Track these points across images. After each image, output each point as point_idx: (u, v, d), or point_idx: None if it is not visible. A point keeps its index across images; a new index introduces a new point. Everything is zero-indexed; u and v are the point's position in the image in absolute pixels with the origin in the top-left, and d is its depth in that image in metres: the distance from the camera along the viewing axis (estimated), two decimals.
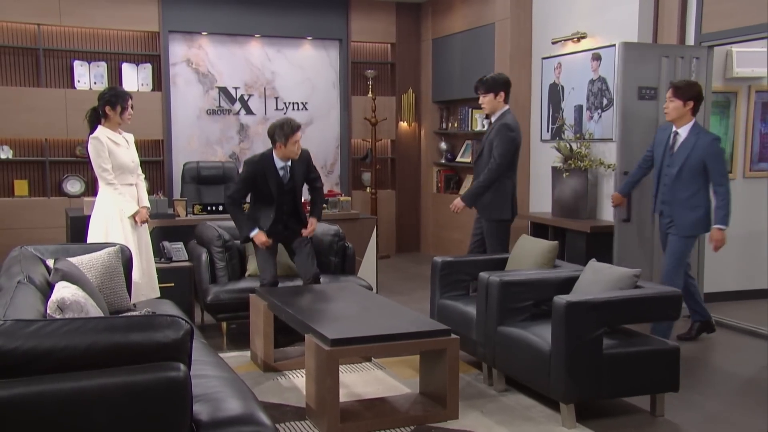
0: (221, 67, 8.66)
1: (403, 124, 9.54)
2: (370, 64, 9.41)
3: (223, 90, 8.69)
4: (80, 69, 8.06)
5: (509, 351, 4.16)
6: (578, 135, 6.79)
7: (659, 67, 5.79)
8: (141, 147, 8.22)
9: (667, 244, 5.11)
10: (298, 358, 4.69)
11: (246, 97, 8.79)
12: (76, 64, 8.06)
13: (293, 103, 8.96)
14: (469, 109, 8.34)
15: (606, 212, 6.50)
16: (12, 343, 2.15)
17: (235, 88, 8.74)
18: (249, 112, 8.82)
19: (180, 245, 5.80)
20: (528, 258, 4.77)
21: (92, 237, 4.92)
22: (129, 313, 3.76)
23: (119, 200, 4.91)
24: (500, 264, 4.95)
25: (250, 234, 5.04)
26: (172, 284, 5.44)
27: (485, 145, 5.35)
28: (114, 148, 4.91)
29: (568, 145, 6.64)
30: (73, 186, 8.07)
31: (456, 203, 5.37)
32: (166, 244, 5.73)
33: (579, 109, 6.88)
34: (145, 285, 4.96)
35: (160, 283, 5.22)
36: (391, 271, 8.20)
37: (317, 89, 9.02)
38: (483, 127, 8.23)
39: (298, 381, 4.47)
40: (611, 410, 4.05)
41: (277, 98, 8.87)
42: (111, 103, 4.92)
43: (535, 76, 7.57)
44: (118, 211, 4.90)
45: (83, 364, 2.21)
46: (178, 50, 8.47)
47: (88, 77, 8.08)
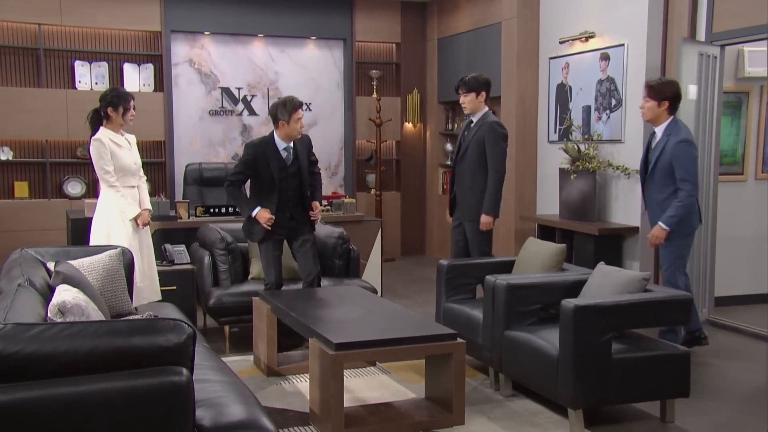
0: (224, 67, 8.68)
1: (408, 125, 9.54)
2: (374, 64, 9.42)
3: (225, 90, 8.70)
4: (81, 69, 8.08)
5: (516, 355, 4.15)
6: (586, 136, 6.78)
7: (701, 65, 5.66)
8: (142, 148, 8.22)
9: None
10: (302, 363, 4.69)
11: (249, 98, 8.80)
12: (77, 64, 8.08)
13: None
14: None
15: (614, 214, 6.49)
16: (12, 347, 2.16)
17: (238, 89, 8.76)
18: (252, 112, 8.83)
19: (182, 248, 5.81)
20: (535, 261, 4.77)
21: (94, 239, 4.93)
22: (131, 317, 3.77)
23: (121, 202, 4.92)
24: (507, 267, 4.95)
25: (252, 213, 4.90)
26: (174, 287, 5.45)
27: (470, 144, 5.34)
28: (116, 150, 4.92)
29: (575, 147, 6.63)
30: (74, 188, 8.09)
31: (486, 221, 5.28)
32: (168, 246, 5.74)
33: (587, 110, 6.87)
34: (147, 288, 4.97)
35: (162, 286, 5.22)
36: (396, 274, 8.20)
37: (321, 89, 9.03)
38: None
39: (301, 385, 4.47)
40: (620, 416, 4.04)
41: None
42: (113, 104, 4.93)
43: (542, 77, 7.57)
44: (119, 214, 4.91)
45: (84, 369, 2.21)
46: (181, 50, 8.49)
47: (89, 77, 8.10)
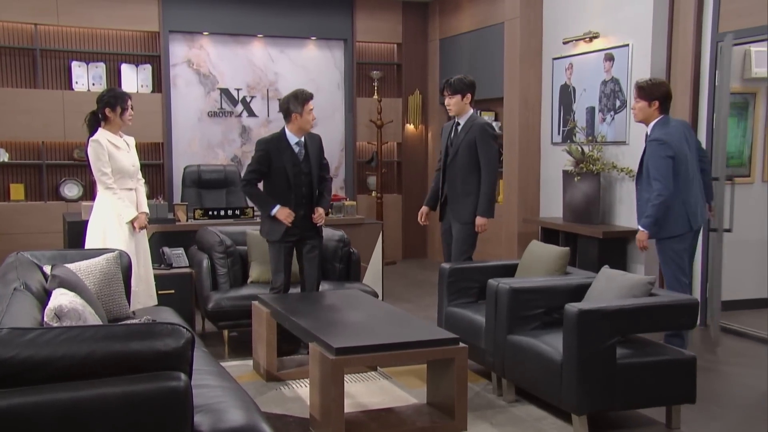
0: (223, 67, 8.68)
1: (410, 127, 9.54)
2: (375, 64, 9.42)
3: (224, 91, 8.71)
4: (78, 70, 8.09)
5: (519, 360, 4.15)
6: (590, 138, 6.78)
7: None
8: (140, 150, 8.20)
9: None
10: (302, 368, 4.69)
11: (248, 99, 8.81)
12: (74, 64, 8.09)
13: None
14: (478, 111, 8.32)
15: (619, 217, 6.48)
16: (8, 352, 2.16)
17: (237, 90, 8.76)
18: (251, 114, 8.83)
19: (180, 251, 5.81)
20: (538, 264, 4.76)
21: (90, 242, 4.92)
22: (128, 321, 3.77)
23: (118, 205, 4.92)
24: (510, 270, 4.95)
25: (272, 211, 4.90)
26: (173, 291, 5.44)
27: (461, 145, 5.35)
28: (114, 152, 4.91)
29: (579, 148, 6.63)
30: (71, 190, 8.09)
31: (481, 223, 5.29)
32: (166, 249, 5.74)
33: (591, 111, 6.88)
34: (143, 292, 4.96)
35: (159, 290, 5.22)
36: (397, 277, 8.19)
37: (321, 90, 9.03)
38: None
39: (301, 391, 4.47)
40: (625, 422, 4.04)
41: (280, 100, 8.86)
42: (111, 105, 4.92)
43: (545, 77, 7.57)
44: (116, 217, 4.90)
45: (81, 374, 2.21)
46: (179, 51, 8.50)
47: (87, 78, 8.11)
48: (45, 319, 2.82)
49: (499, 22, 7.98)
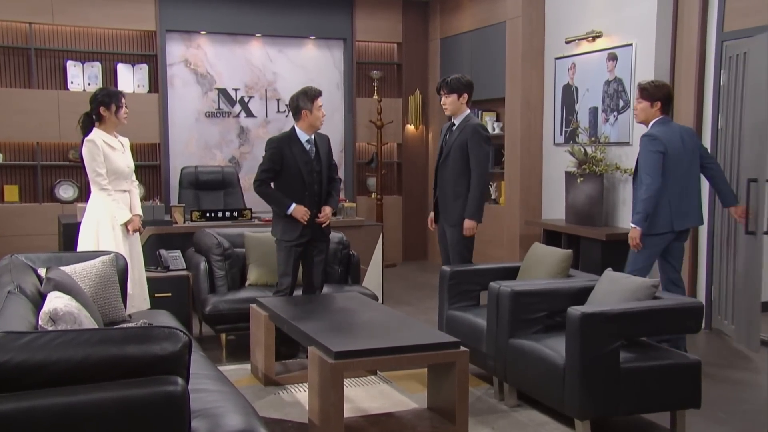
0: (220, 67, 8.68)
1: (410, 127, 9.55)
2: (375, 64, 9.43)
3: (222, 91, 8.71)
4: (73, 69, 8.09)
5: (521, 364, 4.14)
6: (593, 138, 6.78)
7: None
8: (137, 151, 8.27)
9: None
10: (301, 372, 4.69)
11: (246, 99, 8.81)
12: (70, 64, 8.09)
13: None
14: (479, 112, 8.34)
15: (622, 219, 6.48)
16: (2, 357, 2.15)
17: (235, 90, 8.77)
18: (249, 114, 8.84)
19: (177, 253, 5.81)
20: (541, 267, 4.76)
21: (82, 245, 4.89)
22: (124, 325, 3.76)
23: (112, 207, 4.89)
24: (512, 273, 4.95)
25: (289, 210, 4.89)
26: (169, 294, 5.44)
27: (453, 146, 5.34)
28: (109, 152, 4.89)
29: (582, 149, 6.64)
30: (66, 191, 8.09)
31: (469, 226, 5.26)
32: (163, 252, 5.74)
33: (594, 112, 6.88)
34: (137, 296, 4.94)
35: (157, 293, 5.22)
36: (397, 280, 8.19)
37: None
38: (493, 130, 8.23)
39: (300, 395, 4.47)
40: (629, 427, 4.04)
41: (278, 100, 8.89)
42: (105, 104, 4.91)
43: (547, 77, 7.57)
44: (110, 219, 4.87)
45: (77, 378, 2.21)
46: (176, 50, 8.50)
47: (82, 78, 8.11)
48: (40, 322, 2.81)
49: (500, 21, 7.98)
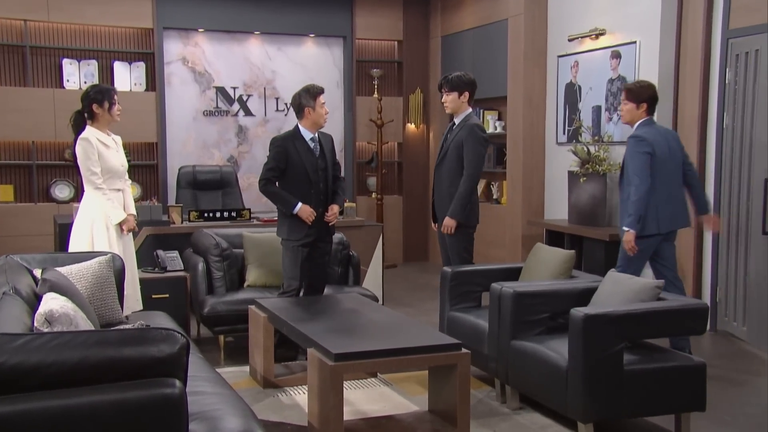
0: (219, 65, 8.68)
1: (411, 126, 9.55)
2: (375, 62, 9.43)
3: (220, 90, 8.71)
4: (69, 68, 8.09)
5: (523, 366, 4.14)
6: (596, 137, 6.78)
7: None
8: (134, 150, 8.29)
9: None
10: (300, 374, 4.69)
11: (245, 98, 8.81)
12: (65, 62, 8.09)
13: None
14: (481, 110, 8.34)
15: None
16: None
17: (234, 88, 8.77)
18: (248, 113, 8.84)
19: (175, 254, 5.81)
20: (543, 268, 4.76)
21: (75, 245, 4.87)
22: (121, 327, 3.76)
23: (107, 206, 4.87)
24: (514, 274, 4.95)
25: (295, 209, 4.87)
26: (167, 295, 5.45)
27: (450, 146, 5.33)
28: (103, 151, 4.88)
29: (585, 148, 6.63)
30: (62, 191, 8.09)
31: (448, 224, 5.23)
32: (160, 252, 5.74)
33: (597, 110, 6.88)
34: (130, 297, 4.91)
35: (154, 294, 5.22)
36: (397, 281, 8.19)
37: None
38: (495, 129, 8.24)
39: (299, 398, 4.47)
40: (633, 430, 4.04)
41: (277, 99, 8.89)
42: (97, 101, 4.89)
43: (550, 76, 7.57)
44: (104, 218, 4.86)
45: (73, 381, 2.21)
46: (173, 48, 8.50)
47: (78, 76, 8.11)
48: (35, 324, 2.81)
49: (502, 18, 7.98)
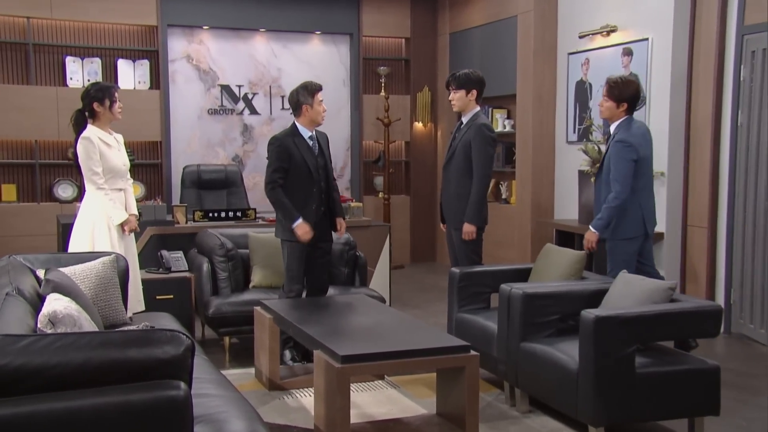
0: (224, 63, 8.70)
1: (418, 125, 9.54)
2: (382, 60, 9.43)
3: (225, 88, 8.72)
4: (73, 65, 8.11)
5: (533, 369, 4.14)
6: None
7: None
8: (138, 149, 8.31)
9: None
10: (306, 376, 4.69)
11: (250, 96, 8.82)
12: (69, 60, 8.11)
13: None
14: (490, 109, 8.33)
15: None
16: (0, 360, 2.15)
17: (239, 86, 8.78)
18: (253, 111, 8.85)
19: (179, 254, 5.82)
20: (553, 269, 4.75)
21: (75, 246, 4.87)
22: (125, 328, 3.77)
23: (108, 206, 4.87)
24: (523, 275, 4.94)
25: (295, 223, 4.85)
26: (171, 296, 5.45)
27: (458, 146, 5.31)
28: (105, 150, 4.88)
29: (596, 147, 6.61)
30: (65, 191, 8.11)
31: (468, 230, 5.22)
32: (164, 253, 5.75)
33: None
34: (132, 297, 4.91)
35: (158, 295, 5.23)
36: (405, 282, 8.19)
37: (326, 87, 8.82)
38: (504, 128, 8.23)
39: (305, 400, 4.47)
40: None
41: (283, 97, 8.88)
42: (98, 99, 4.88)
43: (560, 73, 7.56)
44: (105, 219, 4.86)
45: (77, 383, 2.21)
46: (178, 45, 8.52)
47: (82, 74, 8.13)
48: (39, 325, 2.82)
49: (512, 15, 7.97)
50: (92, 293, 3.92)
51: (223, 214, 6.53)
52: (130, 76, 8.32)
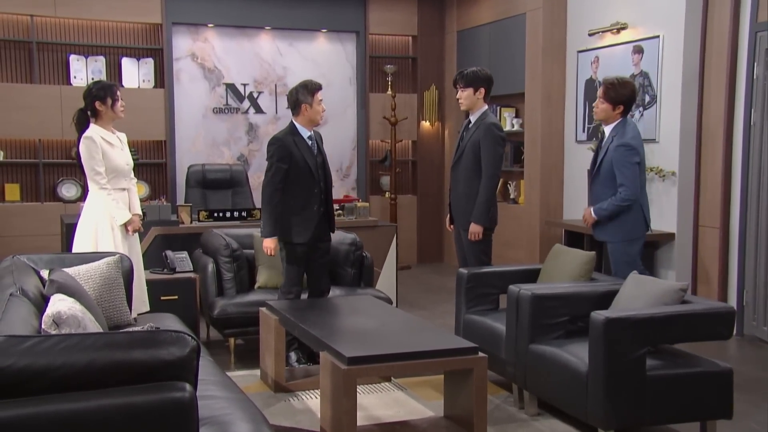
0: (229, 62, 8.71)
1: (425, 124, 9.54)
2: (389, 58, 9.43)
3: (230, 87, 8.73)
4: (77, 64, 8.13)
5: (542, 371, 4.13)
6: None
7: None
8: (142, 148, 8.32)
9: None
10: (312, 378, 4.69)
11: (255, 95, 8.83)
12: (72, 58, 8.13)
13: None
14: (498, 107, 8.32)
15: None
16: (4, 362, 2.16)
17: (244, 85, 8.79)
18: (258, 110, 8.86)
19: (184, 255, 5.82)
20: (562, 270, 4.75)
21: (79, 246, 4.88)
22: (130, 329, 3.78)
23: (112, 206, 4.89)
24: (532, 276, 4.94)
25: (266, 237, 4.88)
26: (176, 297, 5.46)
27: (466, 145, 5.29)
28: (108, 149, 4.89)
29: None
30: (69, 190, 8.13)
31: (474, 230, 5.20)
32: (169, 253, 5.76)
33: None
34: (137, 298, 4.92)
35: (163, 295, 5.24)
36: (412, 283, 8.19)
37: (332, 86, 9.04)
38: (512, 127, 8.22)
39: (311, 402, 4.47)
40: None
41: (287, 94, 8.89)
42: (100, 98, 4.89)
43: (570, 71, 7.55)
44: (109, 219, 4.87)
45: (81, 384, 2.22)
46: (183, 44, 8.53)
47: (85, 73, 8.15)
48: (43, 326, 2.83)
49: (520, 12, 7.96)
50: (96, 294, 3.93)
51: (228, 214, 6.54)
52: (135, 74, 8.33)
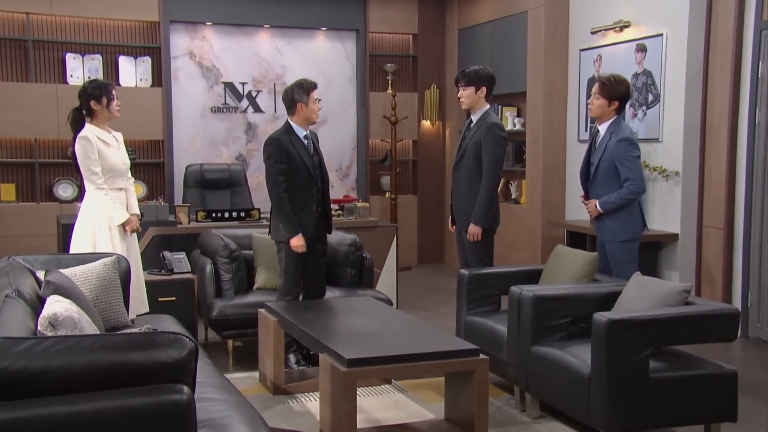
0: (227, 60, 8.71)
1: (426, 123, 9.54)
2: (389, 57, 9.43)
3: (229, 86, 8.74)
4: (73, 62, 8.13)
5: (544, 373, 4.13)
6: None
7: None
8: (139, 147, 8.33)
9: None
10: (312, 380, 4.69)
11: (254, 94, 8.83)
12: (69, 57, 8.13)
13: None
14: (499, 106, 8.33)
15: (651, 220, 6.44)
16: (0, 364, 2.16)
17: (243, 84, 8.79)
18: (257, 109, 8.86)
19: (182, 255, 5.83)
20: (564, 270, 4.75)
21: (76, 247, 4.88)
22: (127, 330, 3.78)
23: (109, 206, 4.88)
24: (534, 277, 4.94)
25: (293, 237, 4.86)
26: (174, 298, 5.46)
27: (468, 145, 5.29)
28: (104, 149, 4.89)
29: None
30: (65, 190, 8.13)
31: (474, 231, 5.20)
32: (167, 254, 5.76)
33: None
34: (135, 299, 4.92)
35: (160, 296, 5.24)
36: (412, 284, 8.19)
37: (332, 85, 9.05)
38: (514, 126, 8.22)
39: (311, 405, 4.48)
40: None
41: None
42: (95, 97, 4.89)
43: (572, 70, 7.55)
44: (106, 219, 4.87)
45: (78, 386, 2.22)
46: (180, 42, 8.53)
47: (82, 71, 8.15)
48: (39, 328, 2.83)
49: (522, 11, 7.96)
50: (93, 295, 3.93)
51: (226, 215, 6.54)
52: (132, 73, 8.33)
